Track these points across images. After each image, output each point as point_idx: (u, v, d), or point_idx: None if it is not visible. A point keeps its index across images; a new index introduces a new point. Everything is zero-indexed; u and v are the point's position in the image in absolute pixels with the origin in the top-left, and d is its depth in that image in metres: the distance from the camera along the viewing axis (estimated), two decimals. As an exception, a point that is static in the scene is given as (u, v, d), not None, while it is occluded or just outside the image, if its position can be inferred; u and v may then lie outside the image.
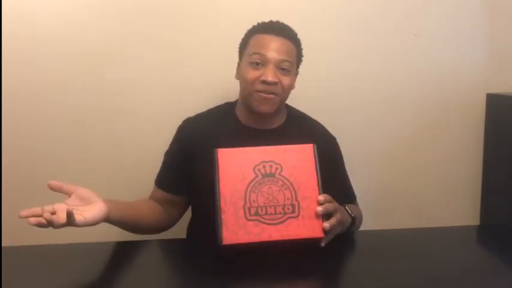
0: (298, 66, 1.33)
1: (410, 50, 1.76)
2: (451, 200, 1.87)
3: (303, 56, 1.34)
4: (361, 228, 1.35)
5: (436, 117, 1.82)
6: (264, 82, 1.21)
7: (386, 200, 1.83)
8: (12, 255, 1.10)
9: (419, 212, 1.83)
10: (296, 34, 1.31)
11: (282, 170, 1.09)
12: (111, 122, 1.67)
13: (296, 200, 1.06)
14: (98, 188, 1.68)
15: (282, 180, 1.07)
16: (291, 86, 1.28)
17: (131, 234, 1.71)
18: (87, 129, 1.67)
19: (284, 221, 1.04)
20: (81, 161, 1.68)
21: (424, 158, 1.84)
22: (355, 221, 1.24)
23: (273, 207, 1.04)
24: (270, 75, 1.21)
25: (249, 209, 1.04)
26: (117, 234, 1.71)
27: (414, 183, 1.84)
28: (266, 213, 1.03)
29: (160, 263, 1.17)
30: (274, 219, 1.03)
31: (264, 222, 1.03)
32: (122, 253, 1.16)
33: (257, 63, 1.23)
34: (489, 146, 1.82)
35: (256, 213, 1.03)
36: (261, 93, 1.23)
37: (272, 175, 1.08)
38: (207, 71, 1.66)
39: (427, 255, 1.11)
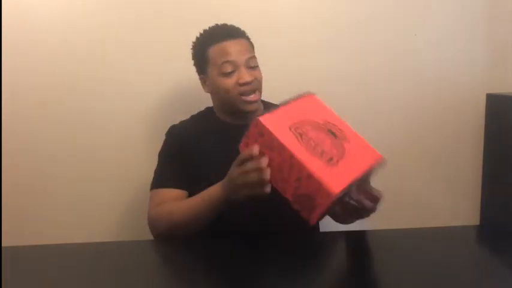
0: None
1: (410, 50, 1.76)
2: (451, 200, 1.87)
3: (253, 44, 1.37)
4: (361, 228, 1.35)
5: (436, 117, 1.82)
6: (244, 84, 1.27)
7: (385, 200, 1.81)
8: (12, 255, 1.10)
9: (419, 212, 1.83)
10: (240, 29, 1.35)
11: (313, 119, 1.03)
12: (110, 123, 1.68)
13: (338, 129, 1.03)
14: (96, 188, 1.70)
15: (317, 124, 1.02)
16: (262, 76, 1.33)
17: (130, 234, 1.72)
18: (87, 130, 1.67)
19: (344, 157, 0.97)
20: (80, 161, 1.68)
21: (424, 157, 1.84)
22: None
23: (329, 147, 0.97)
24: (246, 76, 1.27)
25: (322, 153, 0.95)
26: (118, 234, 1.72)
27: (414, 183, 1.84)
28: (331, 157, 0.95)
29: (160, 263, 1.17)
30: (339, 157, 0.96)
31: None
32: (122, 253, 1.16)
33: (229, 72, 1.27)
34: (489, 146, 1.82)
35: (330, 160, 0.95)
36: (245, 97, 1.28)
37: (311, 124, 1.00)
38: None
39: (427, 255, 1.11)
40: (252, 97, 1.29)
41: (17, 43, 1.60)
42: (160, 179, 1.32)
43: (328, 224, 1.54)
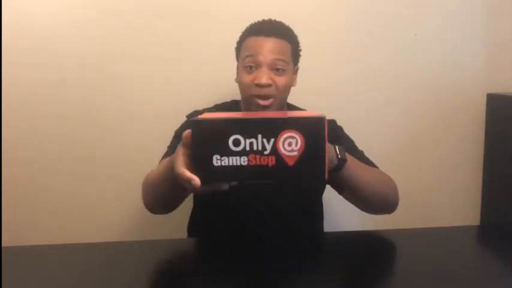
0: (297, 62, 1.31)
1: (410, 50, 1.76)
2: (451, 200, 1.87)
3: (300, 50, 1.32)
4: (361, 228, 1.35)
5: (437, 118, 1.82)
6: (258, 85, 1.20)
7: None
8: (12, 255, 1.10)
9: (420, 212, 1.83)
10: (290, 31, 1.29)
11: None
12: (112, 121, 1.68)
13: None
14: (98, 186, 1.70)
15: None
16: (288, 85, 1.26)
17: (130, 234, 1.72)
18: (88, 128, 1.67)
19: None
20: (81, 160, 1.68)
21: (425, 158, 1.84)
22: (343, 163, 1.06)
23: None
24: (263, 77, 1.19)
25: None
26: (117, 234, 1.72)
27: (414, 183, 1.84)
28: None
29: (160, 263, 1.17)
30: None
31: None
32: (122, 253, 1.16)
33: (251, 67, 1.22)
34: (489, 146, 1.82)
35: None
36: (257, 99, 1.21)
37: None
38: (209, 71, 1.66)
39: (427, 255, 1.11)
40: (263, 102, 1.21)
41: (18, 43, 1.60)
42: (168, 151, 1.28)
43: (329, 224, 1.54)
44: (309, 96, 1.69)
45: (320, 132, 0.77)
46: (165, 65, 1.66)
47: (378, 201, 1.22)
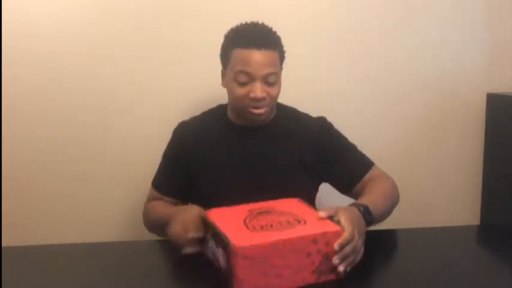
0: (281, 64, 1.30)
1: (410, 50, 1.76)
2: (451, 200, 1.87)
3: (285, 52, 1.31)
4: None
5: (437, 117, 1.82)
6: (253, 99, 1.22)
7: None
8: (12, 255, 1.10)
9: (420, 212, 1.83)
10: (275, 35, 1.27)
11: (275, 209, 1.07)
12: (111, 122, 1.67)
13: (299, 218, 1.02)
14: (98, 188, 1.70)
15: (280, 211, 1.05)
16: (279, 92, 1.28)
17: (130, 234, 1.72)
18: (87, 129, 1.67)
19: (292, 228, 0.98)
20: (80, 161, 1.68)
21: (425, 158, 1.84)
22: (373, 220, 1.15)
23: (278, 223, 0.99)
24: (258, 92, 1.21)
25: (254, 227, 0.98)
26: (117, 234, 1.72)
27: (414, 183, 1.84)
28: (271, 227, 0.98)
29: (160, 263, 1.17)
30: (281, 228, 0.97)
31: (271, 231, 0.97)
32: (122, 253, 1.16)
33: (243, 82, 1.22)
34: (489, 146, 1.82)
35: (261, 228, 0.97)
36: (251, 109, 1.24)
37: (268, 212, 1.05)
38: (207, 72, 1.65)
39: (427, 255, 1.11)
40: (258, 110, 1.24)
41: (18, 43, 1.60)
42: (156, 180, 1.39)
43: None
44: (309, 96, 1.70)
45: (230, 257, 0.91)
46: (166, 65, 1.66)
47: (389, 214, 1.30)
